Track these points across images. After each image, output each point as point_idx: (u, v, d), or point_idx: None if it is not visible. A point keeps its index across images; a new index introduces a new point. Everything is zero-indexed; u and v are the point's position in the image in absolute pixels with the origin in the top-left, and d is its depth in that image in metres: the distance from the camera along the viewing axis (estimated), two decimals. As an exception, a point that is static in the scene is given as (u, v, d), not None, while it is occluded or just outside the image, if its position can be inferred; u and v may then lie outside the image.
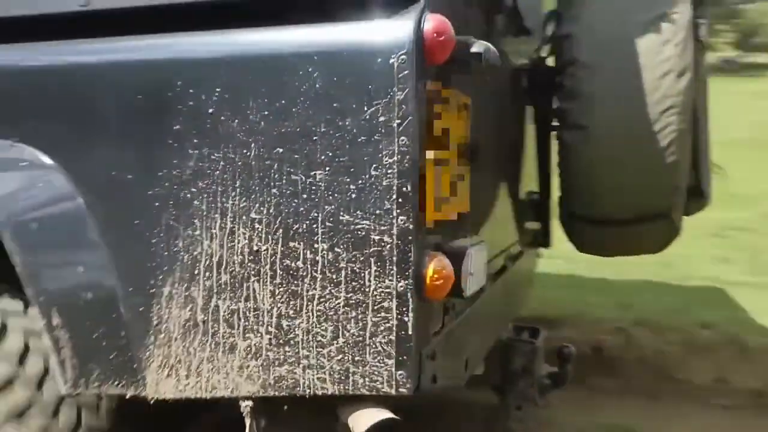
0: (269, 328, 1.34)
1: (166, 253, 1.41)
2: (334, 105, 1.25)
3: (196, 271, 1.39)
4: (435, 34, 1.21)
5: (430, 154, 1.27)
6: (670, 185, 2.06)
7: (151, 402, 1.47)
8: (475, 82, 1.45)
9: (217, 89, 1.33)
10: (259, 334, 1.35)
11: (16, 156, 1.52)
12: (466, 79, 1.36)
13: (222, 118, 1.33)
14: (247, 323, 1.36)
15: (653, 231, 2.23)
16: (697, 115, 2.12)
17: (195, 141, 1.36)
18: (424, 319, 1.31)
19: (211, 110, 1.34)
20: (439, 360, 1.39)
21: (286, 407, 1.47)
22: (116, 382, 1.48)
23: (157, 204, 1.40)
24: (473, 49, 1.27)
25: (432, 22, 1.21)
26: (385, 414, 1.31)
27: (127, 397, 1.49)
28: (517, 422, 2.75)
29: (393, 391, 1.27)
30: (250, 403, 1.42)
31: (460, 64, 1.27)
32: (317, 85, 1.26)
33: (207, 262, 1.38)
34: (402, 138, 1.21)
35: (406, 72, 1.20)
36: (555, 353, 2.56)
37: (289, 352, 1.33)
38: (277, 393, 1.36)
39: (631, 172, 2.01)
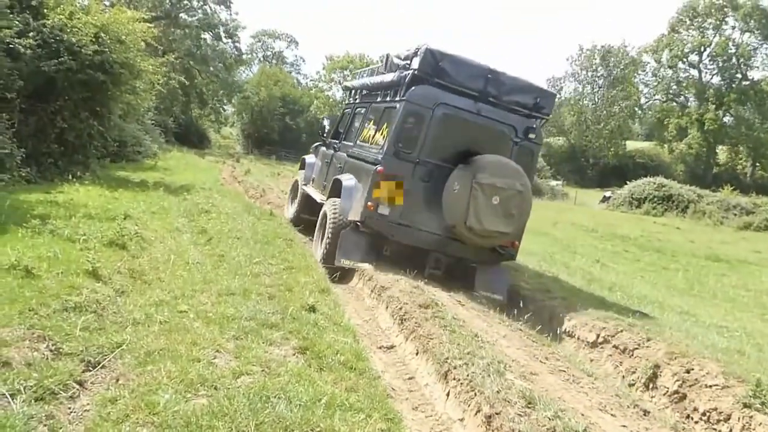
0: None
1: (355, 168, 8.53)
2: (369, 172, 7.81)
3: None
4: (378, 170, 7.54)
5: (376, 186, 7.49)
6: (451, 217, 7.47)
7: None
8: (398, 176, 7.52)
9: None
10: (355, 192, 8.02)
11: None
12: (392, 175, 7.49)
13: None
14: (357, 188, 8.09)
15: (456, 231, 7.53)
16: (475, 205, 7.26)
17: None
18: (366, 209, 7.53)
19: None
20: (369, 219, 7.55)
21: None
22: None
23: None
24: (391, 172, 7.50)
25: (379, 167, 7.54)
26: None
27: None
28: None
29: (359, 219, 7.64)
30: (353, 222, 7.80)
31: (387, 176, 7.48)
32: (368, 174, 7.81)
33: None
34: (372, 181, 7.53)
35: (373, 173, 7.60)
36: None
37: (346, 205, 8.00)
38: (345, 218, 7.88)
39: (446, 212, 7.47)
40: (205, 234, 8.26)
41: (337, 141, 10.08)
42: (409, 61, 7.82)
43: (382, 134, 7.89)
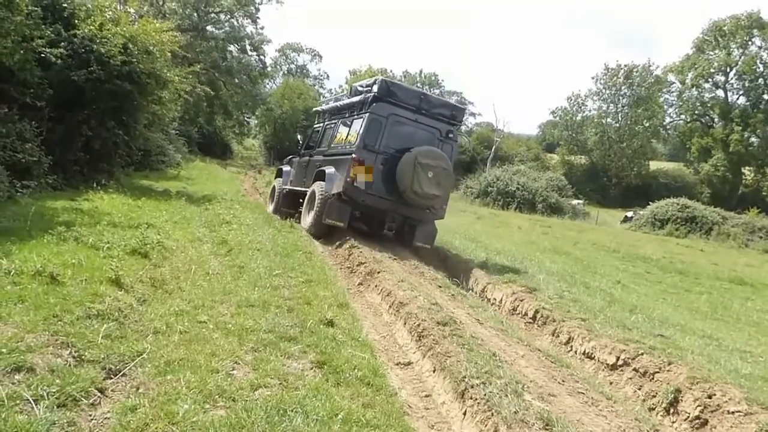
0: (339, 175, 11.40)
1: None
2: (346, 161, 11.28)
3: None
4: (354, 157, 10.97)
5: (353, 169, 10.90)
6: (403, 185, 10.95)
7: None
8: (366, 161, 11.02)
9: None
10: (336, 176, 11.52)
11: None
12: (362, 160, 11.00)
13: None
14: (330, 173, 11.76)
15: (406, 195, 11.01)
16: (417, 177, 10.91)
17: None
18: (346, 182, 10.92)
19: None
20: (348, 190, 10.93)
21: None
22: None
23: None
24: (362, 161, 11.00)
25: (354, 156, 10.97)
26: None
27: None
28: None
29: (341, 190, 11.04)
30: (336, 194, 11.23)
31: (359, 161, 10.94)
32: (345, 162, 11.31)
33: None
34: (349, 166, 10.96)
35: (350, 161, 11.01)
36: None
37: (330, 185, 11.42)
38: (329, 193, 11.33)
39: (399, 182, 10.95)
40: (225, 245, 8.33)
41: (310, 150, 14.07)
42: (370, 87, 11.62)
43: (354, 135, 11.56)
